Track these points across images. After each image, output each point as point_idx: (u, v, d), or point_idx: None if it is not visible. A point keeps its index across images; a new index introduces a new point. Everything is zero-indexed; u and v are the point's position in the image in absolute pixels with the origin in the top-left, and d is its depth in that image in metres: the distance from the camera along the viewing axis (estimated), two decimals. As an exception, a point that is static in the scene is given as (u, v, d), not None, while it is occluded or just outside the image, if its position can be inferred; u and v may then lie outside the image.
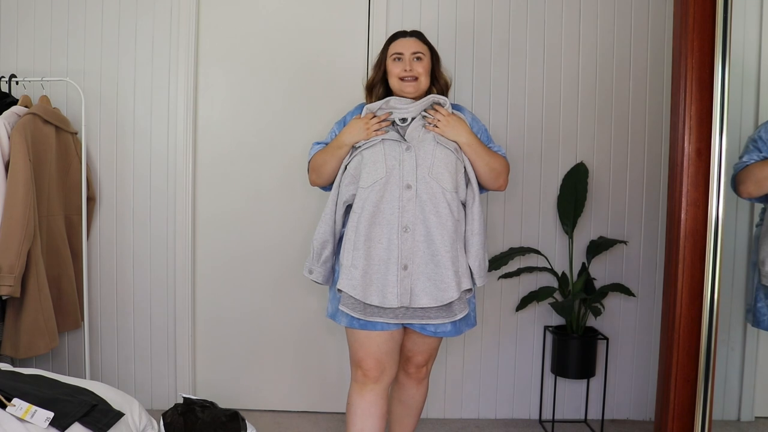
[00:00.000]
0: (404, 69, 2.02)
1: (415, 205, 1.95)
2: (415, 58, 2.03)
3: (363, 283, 1.96)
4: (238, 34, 2.93)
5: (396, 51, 2.05)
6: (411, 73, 2.02)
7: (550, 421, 2.91)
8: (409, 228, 1.95)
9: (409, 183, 1.95)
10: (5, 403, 1.64)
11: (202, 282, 2.98)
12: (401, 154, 1.97)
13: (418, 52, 2.04)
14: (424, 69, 2.05)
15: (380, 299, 1.95)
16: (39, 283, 2.50)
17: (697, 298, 2.15)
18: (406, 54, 2.03)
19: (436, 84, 2.11)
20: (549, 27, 2.91)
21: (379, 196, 1.96)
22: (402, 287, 1.95)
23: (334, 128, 2.17)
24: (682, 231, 2.18)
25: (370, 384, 2.04)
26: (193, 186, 2.93)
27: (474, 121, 2.16)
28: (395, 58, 2.05)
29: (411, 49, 2.03)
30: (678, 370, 2.19)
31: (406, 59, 2.02)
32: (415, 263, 1.96)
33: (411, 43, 2.05)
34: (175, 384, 2.97)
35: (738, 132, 2.47)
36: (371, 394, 2.04)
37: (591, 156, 2.93)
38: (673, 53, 2.30)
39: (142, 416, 1.90)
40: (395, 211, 1.96)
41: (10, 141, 2.45)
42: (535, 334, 2.97)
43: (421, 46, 2.06)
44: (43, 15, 2.89)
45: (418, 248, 1.96)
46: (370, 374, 2.03)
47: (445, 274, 1.96)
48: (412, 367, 2.20)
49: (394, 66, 2.04)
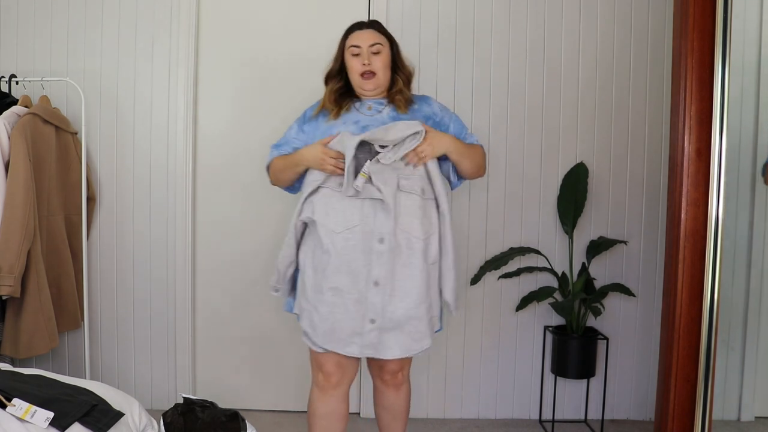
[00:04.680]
0: (362, 63, 1.95)
1: (387, 260, 1.87)
2: (373, 51, 1.96)
3: (324, 333, 1.92)
4: (239, 34, 2.93)
5: (353, 44, 1.98)
6: (369, 68, 1.95)
7: (550, 421, 2.91)
8: (380, 282, 1.87)
9: (383, 237, 1.87)
10: (5, 403, 1.64)
11: (202, 282, 2.98)
12: (375, 204, 1.88)
13: (375, 44, 1.96)
14: (383, 63, 1.98)
15: (342, 349, 1.91)
16: (39, 283, 2.50)
17: (697, 298, 2.15)
18: (363, 47, 1.96)
19: (399, 74, 2.04)
20: (549, 26, 2.91)
21: (350, 245, 1.88)
22: (368, 340, 1.90)
23: (293, 125, 2.11)
24: (682, 231, 2.18)
25: (331, 390, 2.00)
26: (193, 186, 2.93)
27: (443, 111, 2.10)
28: (353, 53, 1.97)
29: (368, 41, 1.96)
30: (678, 370, 2.19)
31: (364, 53, 1.96)
32: (386, 318, 1.88)
33: (368, 35, 1.98)
34: (175, 384, 2.97)
35: (738, 132, 2.47)
36: (333, 399, 2.01)
37: (591, 156, 2.93)
38: (673, 53, 2.30)
39: (142, 416, 1.90)
40: (366, 263, 1.87)
41: (10, 141, 2.45)
42: (535, 334, 2.97)
43: (378, 36, 1.99)
44: (43, 15, 2.89)
45: (390, 303, 1.88)
46: (332, 379, 1.99)
47: (419, 326, 1.91)
48: (387, 374, 2.10)
49: (353, 61, 1.98)
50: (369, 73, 1.97)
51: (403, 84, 2.03)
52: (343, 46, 2.03)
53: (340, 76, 2.05)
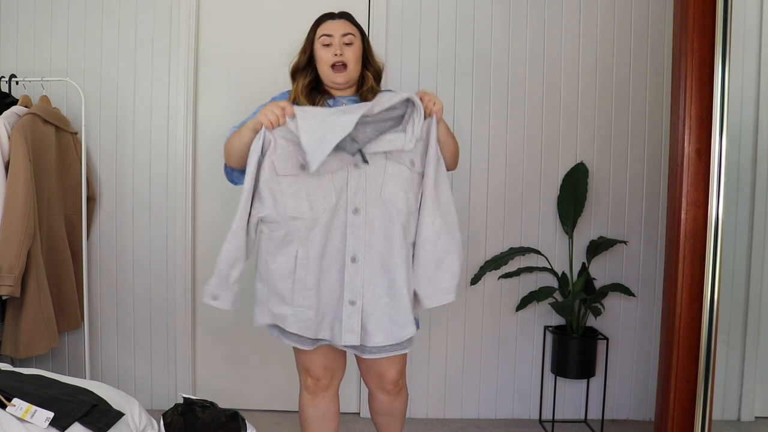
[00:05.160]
0: (334, 54, 1.85)
1: (364, 232, 1.77)
2: (345, 42, 1.87)
3: (316, 321, 1.82)
4: (239, 34, 2.93)
5: (324, 32, 1.88)
6: (341, 59, 1.85)
7: (550, 421, 2.91)
8: (358, 258, 1.77)
9: (357, 207, 1.76)
10: (5, 403, 1.64)
11: (202, 281, 2.98)
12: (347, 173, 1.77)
13: (348, 34, 1.88)
14: (355, 55, 1.88)
15: (330, 335, 1.82)
16: (39, 283, 2.50)
17: (697, 298, 2.15)
18: (335, 35, 1.87)
19: (369, 68, 1.94)
20: (549, 26, 2.91)
21: (328, 225, 1.77)
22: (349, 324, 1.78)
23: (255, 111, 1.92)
24: (682, 231, 2.18)
25: (321, 392, 1.97)
26: (192, 186, 2.93)
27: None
28: (324, 42, 1.88)
29: (340, 31, 1.87)
30: (678, 370, 2.19)
31: (336, 42, 1.86)
32: (366, 298, 1.78)
33: (340, 24, 1.89)
34: (175, 384, 2.97)
35: (738, 132, 2.47)
36: (323, 401, 1.98)
37: (591, 156, 2.93)
38: (673, 53, 2.30)
39: (142, 416, 1.90)
40: (342, 239, 1.77)
41: (10, 141, 2.45)
42: (535, 334, 2.97)
43: (350, 27, 1.91)
44: (43, 15, 2.89)
45: (370, 280, 1.78)
46: (321, 382, 1.95)
47: (403, 308, 1.79)
48: (389, 383, 1.99)
49: (324, 51, 1.87)
50: (341, 65, 1.87)
51: (373, 80, 1.94)
52: (312, 36, 1.92)
53: (309, 70, 1.93)
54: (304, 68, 1.93)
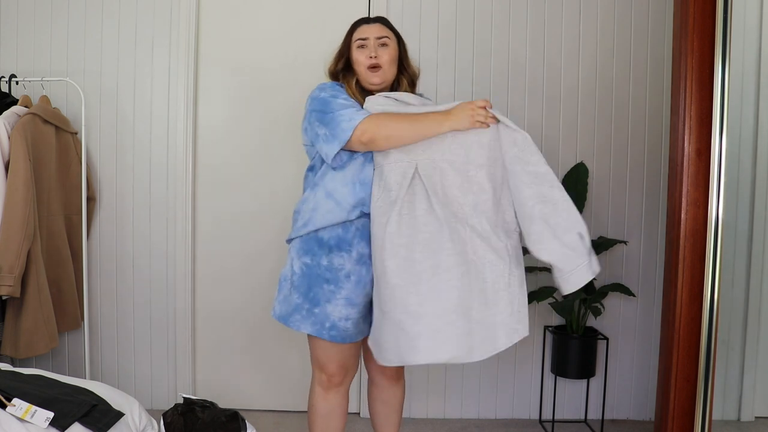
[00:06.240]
0: (369, 56, 1.89)
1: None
2: (381, 44, 1.91)
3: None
4: (239, 33, 2.93)
5: (360, 36, 1.93)
6: (376, 60, 1.89)
7: (550, 421, 2.91)
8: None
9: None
10: (5, 403, 1.64)
11: (202, 282, 2.99)
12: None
13: (383, 37, 1.92)
14: (390, 57, 1.92)
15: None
16: (39, 283, 2.50)
17: (697, 298, 2.15)
18: (370, 38, 1.91)
19: (404, 74, 1.99)
20: (549, 26, 2.91)
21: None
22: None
23: (336, 95, 1.88)
24: (682, 231, 2.18)
25: (334, 388, 2.01)
26: (193, 186, 2.93)
27: None
28: (360, 44, 1.92)
29: (375, 34, 1.92)
30: (678, 370, 2.19)
31: (371, 45, 1.90)
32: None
33: (375, 28, 1.94)
34: (175, 384, 2.97)
35: (738, 132, 2.48)
36: (335, 397, 2.02)
37: (591, 156, 2.93)
38: (673, 53, 2.30)
39: (142, 416, 1.90)
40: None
41: (10, 141, 2.45)
42: (535, 334, 2.97)
43: (386, 30, 1.95)
44: (43, 15, 2.89)
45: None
46: (334, 379, 1.99)
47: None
48: (390, 368, 2.08)
49: (359, 53, 1.92)
50: (375, 66, 1.91)
51: (408, 85, 1.99)
52: (349, 40, 1.97)
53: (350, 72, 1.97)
54: (343, 71, 1.97)
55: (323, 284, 1.88)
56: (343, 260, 1.87)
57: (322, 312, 1.89)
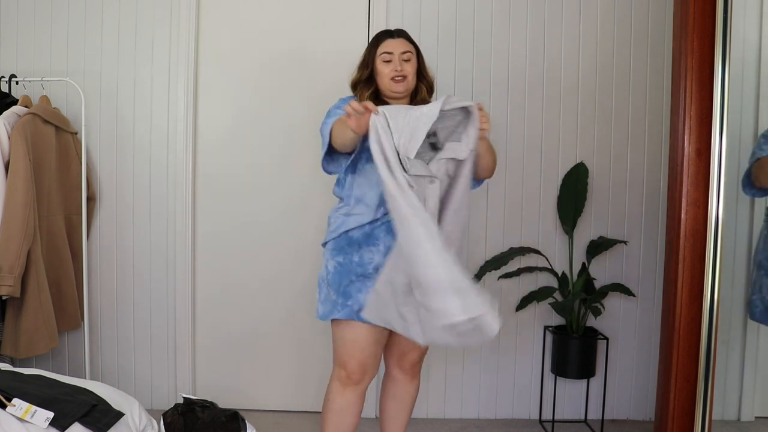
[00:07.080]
0: (395, 69, 2.04)
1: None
2: (404, 59, 2.06)
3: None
4: (239, 33, 2.93)
5: (385, 50, 2.07)
6: (401, 73, 2.04)
7: (550, 421, 2.91)
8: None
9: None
10: (5, 403, 1.64)
11: (202, 282, 2.98)
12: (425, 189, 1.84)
13: (406, 52, 2.07)
14: (413, 69, 2.08)
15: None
16: (39, 283, 2.50)
17: (697, 298, 2.16)
18: (395, 53, 2.05)
19: (423, 81, 2.13)
20: (549, 27, 2.91)
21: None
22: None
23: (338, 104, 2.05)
24: (682, 231, 2.18)
25: (352, 385, 2.06)
26: (192, 186, 2.93)
27: None
28: (385, 59, 2.06)
29: (400, 49, 2.06)
30: (678, 370, 2.19)
31: (396, 60, 2.05)
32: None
33: (399, 43, 2.08)
34: (175, 384, 2.97)
35: (738, 132, 2.47)
36: (352, 394, 2.07)
37: (591, 156, 2.93)
38: (673, 53, 2.30)
39: (142, 416, 1.90)
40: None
41: (10, 141, 2.45)
42: (535, 334, 2.97)
43: (408, 45, 2.09)
44: (43, 15, 2.89)
45: None
46: (354, 377, 2.05)
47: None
48: (408, 363, 2.21)
49: (384, 67, 2.06)
50: (401, 77, 2.05)
51: (426, 92, 2.13)
52: (373, 53, 2.09)
53: (370, 83, 2.10)
54: (365, 81, 2.10)
55: (355, 279, 1.99)
56: (372, 254, 1.98)
57: (354, 302, 1.98)
